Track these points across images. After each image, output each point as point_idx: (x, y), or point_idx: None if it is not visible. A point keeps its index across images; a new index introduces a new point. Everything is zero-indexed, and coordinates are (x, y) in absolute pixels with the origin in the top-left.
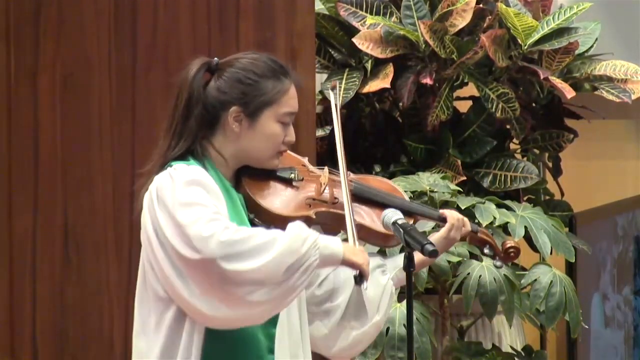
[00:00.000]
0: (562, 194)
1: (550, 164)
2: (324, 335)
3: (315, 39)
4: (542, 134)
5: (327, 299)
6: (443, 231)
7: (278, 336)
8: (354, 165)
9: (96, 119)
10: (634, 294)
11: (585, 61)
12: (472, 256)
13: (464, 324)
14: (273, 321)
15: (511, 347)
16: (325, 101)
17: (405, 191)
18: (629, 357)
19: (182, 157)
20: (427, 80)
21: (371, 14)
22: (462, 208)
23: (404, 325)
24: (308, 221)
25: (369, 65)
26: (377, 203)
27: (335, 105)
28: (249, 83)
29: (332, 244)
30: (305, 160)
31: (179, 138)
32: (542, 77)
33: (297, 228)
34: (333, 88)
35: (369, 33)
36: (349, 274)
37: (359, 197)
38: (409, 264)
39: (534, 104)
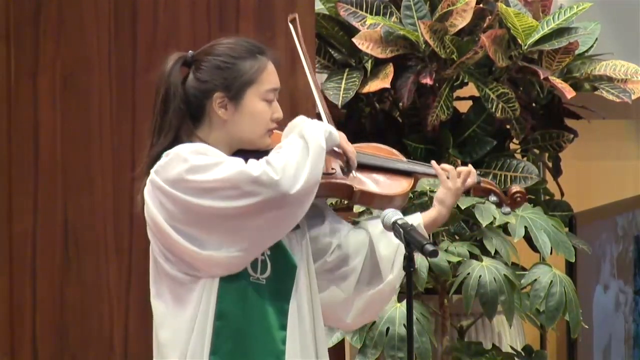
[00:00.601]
0: (562, 194)
1: (550, 164)
2: (342, 300)
3: (315, 39)
4: (542, 134)
5: (341, 264)
6: (441, 186)
7: (291, 312)
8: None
9: (96, 119)
10: (634, 294)
11: (585, 61)
12: (472, 256)
13: (464, 324)
14: (286, 296)
15: (511, 347)
16: (325, 101)
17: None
18: (629, 357)
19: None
20: (427, 80)
21: (371, 14)
22: (462, 208)
23: (404, 325)
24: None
25: (369, 65)
26: (377, 167)
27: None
28: (227, 67)
29: (331, 128)
30: None
31: (159, 134)
32: (542, 77)
33: (312, 123)
34: (292, 21)
35: (369, 33)
36: (359, 240)
37: (358, 164)
38: (409, 264)
39: (534, 104)
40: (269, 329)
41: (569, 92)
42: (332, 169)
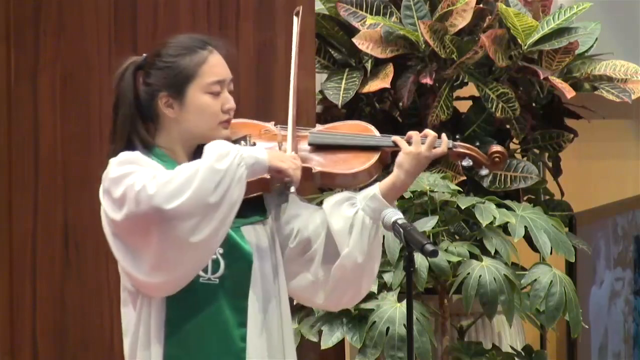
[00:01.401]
0: (562, 194)
1: (550, 164)
2: (311, 282)
3: (315, 39)
4: (542, 134)
5: (305, 249)
6: (402, 150)
7: (251, 309)
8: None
9: (96, 119)
10: (634, 294)
11: (585, 61)
12: (472, 256)
13: (464, 324)
14: (243, 293)
15: (511, 347)
16: (325, 101)
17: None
18: (629, 357)
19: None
20: (427, 80)
21: (371, 14)
22: (462, 208)
23: (404, 325)
24: (265, 182)
25: (369, 65)
26: (338, 146)
27: (298, 33)
28: (166, 66)
29: (256, 152)
30: (269, 125)
31: (113, 141)
32: (542, 77)
33: (216, 147)
34: (297, 13)
35: (369, 33)
36: (319, 220)
37: (318, 145)
38: (408, 264)
39: (534, 104)
40: (226, 329)
41: (569, 92)
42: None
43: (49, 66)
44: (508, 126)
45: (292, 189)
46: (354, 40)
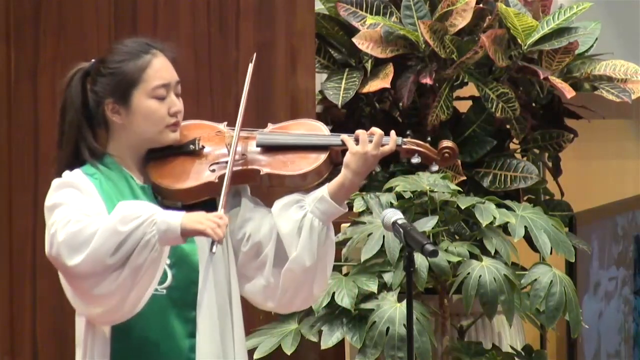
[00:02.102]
0: (562, 194)
1: (550, 164)
2: (263, 287)
3: (315, 39)
4: (542, 134)
5: (257, 253)
6: (349, 149)
7: (200, 319)
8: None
9: None
10: (634, 294)
11: (585, 61)
12: (472, 256)
13: (464, 324)
14: (191, 303)
15: (511, 347)
16: (325, 101)
17: (404, 191)
18: (629, 357)
19: (77, 164)
20: (427, 80)
21: (371, 14)
22: (462, 208)
23: (404, 325)
24: (212, 186)
25: (369, 65)
26: (287, 147)
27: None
28: (110, 72)
29: (170, 218)
30: (221, 125)
31: (59, 148)
32: (542, 77)
33: (124, 208)
34: (251, 60)
35: (369, 33)
36: (269, 224)
37: (266, 147)
38: (408, 264)
39: (534, 104)
40: (174, 339)
41: (569, 92)
42: (243, 155)
43: (49, 66)
44: (508, 126)
45: (214, 249)
46: (354, 40)
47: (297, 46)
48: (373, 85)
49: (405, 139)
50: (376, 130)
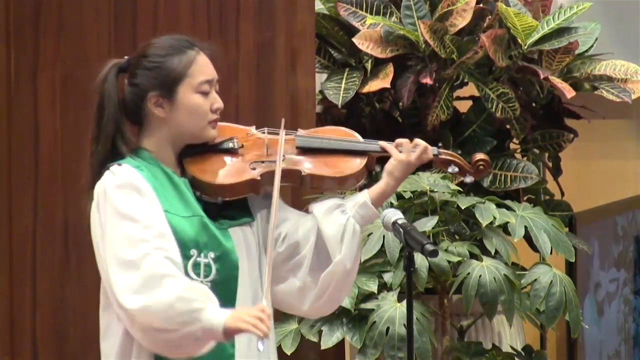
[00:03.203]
0: (562, 194)
1: (550, 164)
2: (298, 288)
3: (315, 39)
4: (542, 134)
5: (293, 253)
6: (392, 157)
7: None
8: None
9: None
10: (634, 294)
11: (585, 61)
12: (472, 256)
13: (464, 324)
14: (231, 298)
15: (511, 347)
16: (325, 101)
17: (404, 191)
18: (629, 357)
19: (114, 159)
20: (427, 80)
21: (371, 14)
22: (462, 208)
23: (404, 325)
24: (254, 183)
25: (369, 65)
26: (328, 150)
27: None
28: (156, 66)
29: (216, 317)
30: (252, 128)
31: (96, 144)
32: (542, 77)
33: (194, 291)
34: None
35: (369, 33)
36: (308, 225)
37: (306, 149)
38: (409, 264)
39: (534, 104)
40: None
41: (569, 92)
42: (283, 156)
43: (49, 66)
44: (508, 126)
45: (260, 347)
46: (354, 40)
47: (297, 46)
48: (373, 85)
49: (440, 150)
50: (420, 142)
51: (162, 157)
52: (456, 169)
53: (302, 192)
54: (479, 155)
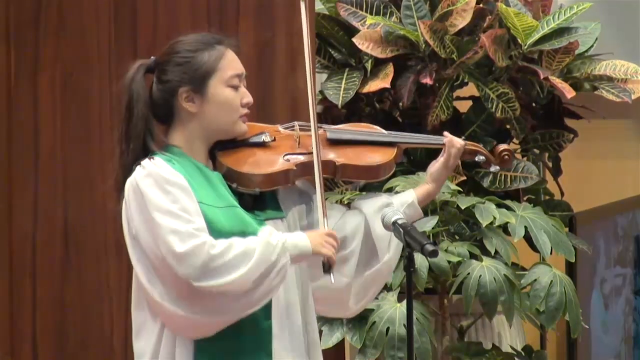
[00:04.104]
0: (562, 194)
1: (550, 164)
2: (345, 285)
3: (315, 39)
4: (542, 134)
5: (340, 248)
6: (441, 161)
7: (274, 303)
8: None
9: (96, 119)
10: (634, 294)
11: (585, 61)
12: (472, 256)
13: (464, 324)
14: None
15: (511, 347)
16: (325, 101)
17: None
18: (629, 357)
19: (142, 158)
20: (427, 80)
21: (371, 14)
22: (462, 208)
23: (404, 325)
24: (289, 174)
25: (369, 65)
26: (358, 141)
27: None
28: (186, 61)
29: (300, 241)
30: (278, 126)
31: (127, 142)
32: (542, 77)
33: (266, 235)
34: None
35: (369, 33)
36: (356, 222)
37: (337, 141)
38: (409, 264)
39: (534, 104)
40: (255, 320)
41: (569, 92)
42: (311, 148)
43: (49, 66)
44: (508, 126)
45: (332, 277)
46: (354, 40)
47: (297, 46)
48: (373, 85)
49: (466, 142)
50: (457, 142)
51: (193, 153)
52: (482, 158)
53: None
54: (502, 146)
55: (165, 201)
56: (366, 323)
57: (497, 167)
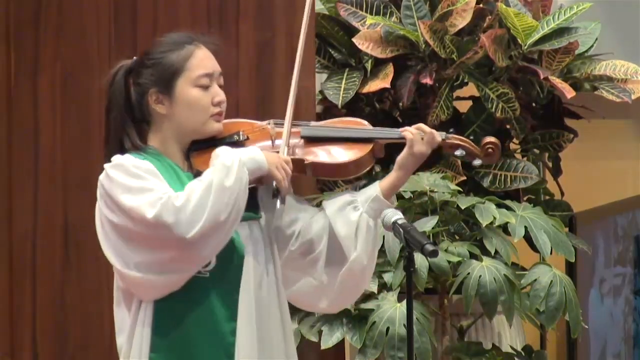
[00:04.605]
0: (562, 194)
1: (550, 164)
2: (314, 287)
3: (315, 39)
4: (542, 134)
5: (307, 252)
6: (405, 149)
7: (242, 304)
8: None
9: (96, 120)
10: (634, 294)
11: (585, 61)
12: (472, 256)
13: (464, 324)
14: (234, 287)
15: (511, 347)
16: (325, 101)
17: (404, 191)
18: (629, 357)
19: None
20: (427, 80)
21: (371, 14)
22: (462, 208)
23: (404, 325)
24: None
25: (369, 65)
26: (332, 138)
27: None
28: (154, 63)
29: (256, 155)
30: (264, 123)
31: (107, 144)
32: (542, 77)
33: (221, 157)
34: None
35: (369, 33)
36: (321, 223)
37: (311, 138)
38: (409, 264)
39: (534, 104)
40: (215, 322)
41: (569, 92)
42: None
43: (49, 66)
44: (508, 126)
45: (279, 202)
46: (354, 40)
47: (297, 46)
48: (373, 85)
49: (448, 134)
50: (425, 128)
51: (168, 154)
52: (464, 153)
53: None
54: (488, 139)
55: (131, 181)
56: (366, 323)
57: (480, 162)
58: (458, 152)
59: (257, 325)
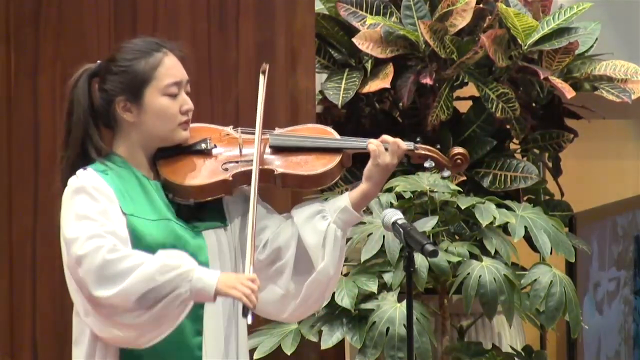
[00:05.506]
0: (562, 194)
1: (550, 164)
2: (280, 296)
3: (315, 39)
4: (542, 134)
5: (274, 260)
6: (370, 161)
7: (207, 318)
8: (353, 164)
9: None
10: (634, 294)
11: (585, 61)
12: (472, 256)
13: (464, 324)
14: (200, 304)
15: (511, 347)
16: (325, 101)
17: (404, 191)
18: (629, 357)
19: (85, 164)
20: (427, 80)
21: (371, 14)
22: (462, 208)
23: (404, 325)
24: (226, 184)
25: (369, 65)
26: (300, 149)
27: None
28: (122, 71)
29: (207, 277)
30: (229, 128)
31: (65, 148)
32: (542, 77)
33: (166, 257)
34: (263, 72)
35: (369, 33)
36: (289, 232)
37: (279, 148)
38: (408, 264)
39: (534, 104)
40: (183, 336)
41: (569, 92)
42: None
43: (49, 66)
44: (508, 126)
45: (249, 319)
46: (354, 40)
47: (297, 46)
48: (373, 85)
49: (417, 145)
50: (389, 139)
51: (134, 161)
52: (432, 164)
53: (303, 193)
54: (457, 149)
55: (85, 206)
56: (366, 323)
57: (449, 173)
58: (427, 164)
59: (222, 336)
